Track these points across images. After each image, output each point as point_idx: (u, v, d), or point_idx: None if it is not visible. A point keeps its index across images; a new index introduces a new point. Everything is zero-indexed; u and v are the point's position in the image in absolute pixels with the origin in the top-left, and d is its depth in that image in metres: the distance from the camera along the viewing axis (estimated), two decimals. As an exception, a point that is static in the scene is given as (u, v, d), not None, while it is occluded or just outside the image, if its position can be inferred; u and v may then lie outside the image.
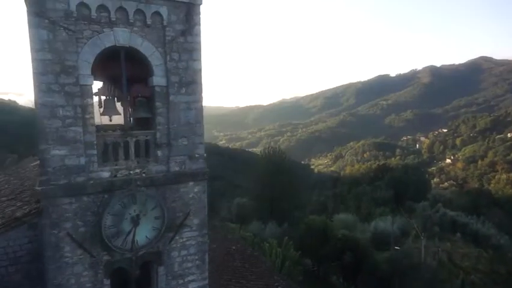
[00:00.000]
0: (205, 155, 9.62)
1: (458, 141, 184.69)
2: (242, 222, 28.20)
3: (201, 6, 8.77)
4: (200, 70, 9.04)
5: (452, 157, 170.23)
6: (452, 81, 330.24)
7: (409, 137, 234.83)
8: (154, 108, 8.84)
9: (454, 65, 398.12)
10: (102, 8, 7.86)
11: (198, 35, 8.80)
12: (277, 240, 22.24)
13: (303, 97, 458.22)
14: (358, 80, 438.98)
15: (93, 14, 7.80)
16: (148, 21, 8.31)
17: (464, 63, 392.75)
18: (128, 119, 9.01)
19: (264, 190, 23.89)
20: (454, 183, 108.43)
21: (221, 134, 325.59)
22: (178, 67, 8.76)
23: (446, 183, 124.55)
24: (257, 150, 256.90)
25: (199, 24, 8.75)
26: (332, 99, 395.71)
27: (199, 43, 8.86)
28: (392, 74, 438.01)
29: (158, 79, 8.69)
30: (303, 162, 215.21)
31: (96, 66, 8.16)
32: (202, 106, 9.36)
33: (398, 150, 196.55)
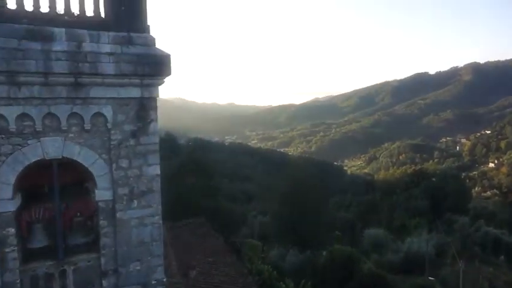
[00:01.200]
0: (164, 279, 7.73)
1: (503, 144, 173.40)
2: (265, 241, 26.90)
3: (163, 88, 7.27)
4: (158, 176, 7.30)
5: (496, 161, 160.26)
6: (498, 79, 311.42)
7: (448, 138, 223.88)
8: (98, 228, 7.13)
9: (499, 61, 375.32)
10: (24, 117, 6.31)
11: (154, 133, 7.16)
12: (297, 273, 20.75)
13: (336, 96, 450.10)
14: (394, 78, 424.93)
15: (12, 126, 6.25)
16: (87, 126, 6.68)
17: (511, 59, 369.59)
18: (62, 244, 7.07)
19: (285, 210, 22.56)
20: (497, 192, 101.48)
21: (253, 133, 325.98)
22: (129, 176, 7.05)
23: (488, 192, 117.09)
24: (289, 150, 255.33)
25: (157, 120, 7.13)
26: (366, 98, 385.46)
27: (156, 143, 7.22)
28: (432, 72, 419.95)
29: (102, 192, 6.99)
30: (335, 163, 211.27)
31: (18, 177, 6.63)
32: (160, 220, 7.51)
33: (436, 153, 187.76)
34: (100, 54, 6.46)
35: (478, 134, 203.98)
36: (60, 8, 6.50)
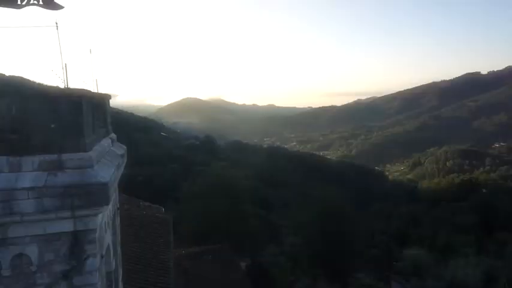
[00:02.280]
0: None
1: None
2: (294, 263, 25.58)
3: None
4: None
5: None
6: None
7: (502, 144, 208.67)
8: None
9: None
10: None
11: (92, 272, 5.67)
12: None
13: (379, 98, 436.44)
14: (443, 79, 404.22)
15: None
16: (6, 272, 5.31)
17: None
18: None
19: (316, 238, 21.20)
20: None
21: (292, 135, 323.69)
22: None
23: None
24: (329, 153, 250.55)
25: (96, 255, 5.73)
26: (411, 100, 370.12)
27: (95, 284, 5.70)
28: (484, 72, 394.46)
29: None
30: (376, 168, 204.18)
31: None
32: None
33: (488, 160, 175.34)
34: (16, 191, 5.16)
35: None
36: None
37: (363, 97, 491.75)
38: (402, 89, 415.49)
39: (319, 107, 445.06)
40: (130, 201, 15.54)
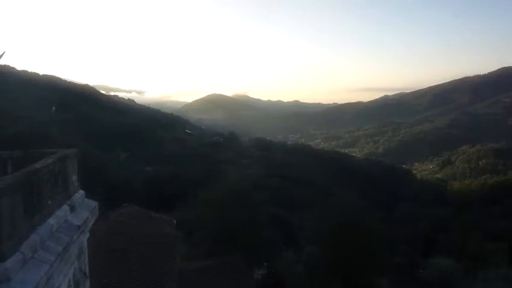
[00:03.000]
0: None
1: None
2: (311, 273, 24.72)
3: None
4: None
5: None
6: None
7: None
8: None
9: None
10: None
11: None
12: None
13: (408, 93, 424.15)
14: (476, 74, 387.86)
15: None
16: None
17: None
18: None
19: (333, 251, 20.30)
20: None
21: (317, 132, 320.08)
22: None
23: None
24: (354, 150, 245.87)
25: None
26: (442, 95, 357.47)
27: None
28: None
29: None
30: (404, 166, 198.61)
31: None
32: None
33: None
34: None
35: None
36: None
37: (391, 93, 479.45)
38: (433, 85, 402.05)
39: (345, 103, 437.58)
40: (141, 214, 15.29)
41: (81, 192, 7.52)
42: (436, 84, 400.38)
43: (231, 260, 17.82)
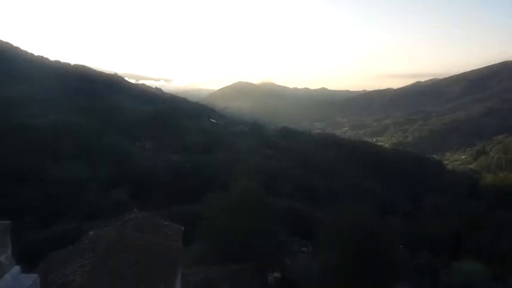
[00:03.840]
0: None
1: None
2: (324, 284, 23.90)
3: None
4: None
5: None
6: None
7: None
8: None
9: None
10: None
11: None
12: None
13: (441, 80, 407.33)
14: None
15: None
16: None
17: None
18: None
19: (347, 263, 19.28)
20: None
21: (344, 120, 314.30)
22: None
23: None
24: (382, 139, 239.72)
25: None
26: (478, 81, 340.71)
27: None
28: None
29: None
30: (434, 156, 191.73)
31: None
32: None
33: None
34: None
35: None
36: None
37: (423, 79, 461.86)
38: (467, 70, 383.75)
39: (374, 90, 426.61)
40: (147, 223, 15.01)
41: (16, 269, 6.57)
42: (471, 69, 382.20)
43: (239, 268, 17.40)
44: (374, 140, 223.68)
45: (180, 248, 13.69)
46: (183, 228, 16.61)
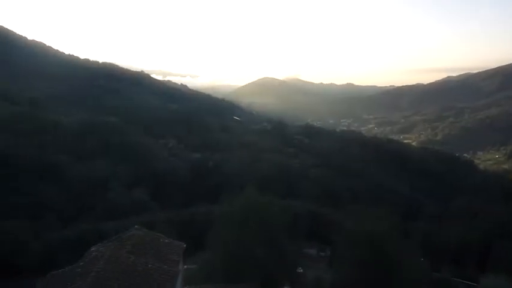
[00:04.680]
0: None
1: None
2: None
3: None
4: None
5: None
6: None
7: None
8: None
9: None
10: None
11: None
12: None
13: (474, 74, 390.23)
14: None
15: None
16: None
17: None
18: None
19: (359, 277, 18.29)
20: None
21: (371, 116, 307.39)
22: None
23: None
24: (410, 137, 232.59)
25: None
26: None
27: None
28: None
29: None
30: (465, 155, 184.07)
31: None
32: None
33: None
34: None
35: None
36: None
37: (454, 74, 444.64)
38: (503, 64, 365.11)
39: (403, 86, 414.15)
40: (147, 242, 14.55)
41: None
42: (508, 63, 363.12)
43: (248, 287, 16.70)
44: (401, 137, 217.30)
45: (177, 272, 13.16)
46: (184, 245, 16.12)
